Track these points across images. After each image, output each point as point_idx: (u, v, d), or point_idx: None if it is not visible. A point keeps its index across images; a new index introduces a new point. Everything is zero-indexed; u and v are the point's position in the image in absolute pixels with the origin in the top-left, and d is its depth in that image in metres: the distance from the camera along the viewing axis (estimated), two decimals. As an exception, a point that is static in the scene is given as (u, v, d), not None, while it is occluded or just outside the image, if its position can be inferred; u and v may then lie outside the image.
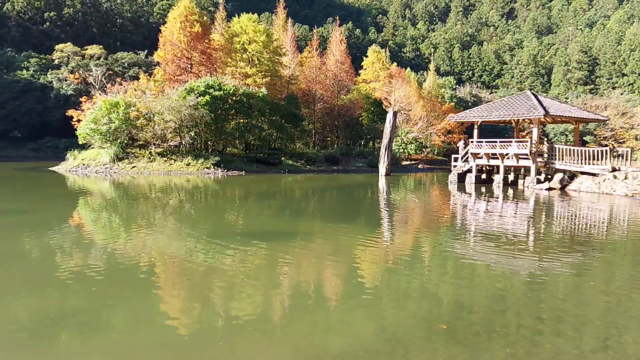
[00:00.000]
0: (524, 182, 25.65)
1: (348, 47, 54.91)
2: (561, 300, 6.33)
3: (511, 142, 26.19)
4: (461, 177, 27.90)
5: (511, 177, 27.03)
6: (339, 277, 7.38)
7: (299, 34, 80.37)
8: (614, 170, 22.79)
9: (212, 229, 11.67)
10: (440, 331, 5.15)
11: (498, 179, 26.30)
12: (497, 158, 26.43)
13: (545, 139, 48.42)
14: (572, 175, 24.82)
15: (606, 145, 38.22)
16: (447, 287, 6.83)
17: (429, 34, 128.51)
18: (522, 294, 6.59)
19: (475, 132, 28.52)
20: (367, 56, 62.43)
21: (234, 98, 34.72)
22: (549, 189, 23.31)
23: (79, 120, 34.61)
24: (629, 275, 7.79)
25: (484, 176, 27.78)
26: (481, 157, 27.39)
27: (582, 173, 23.99)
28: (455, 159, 29.70)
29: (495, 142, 26.79)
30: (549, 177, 24.82)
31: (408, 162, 50.75)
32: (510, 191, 23.14)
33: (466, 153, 28.78)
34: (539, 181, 24.52)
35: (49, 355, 4.55)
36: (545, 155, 25.81)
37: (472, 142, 28.01)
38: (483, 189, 23.75)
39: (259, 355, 4.60)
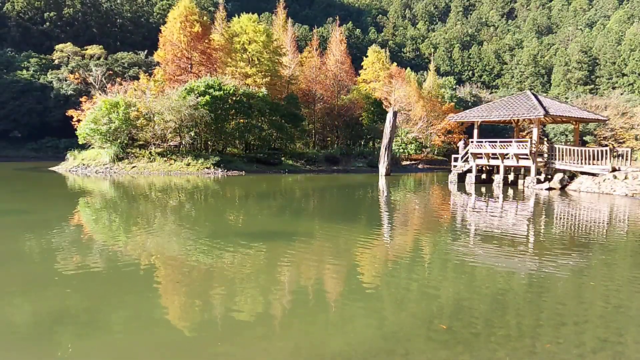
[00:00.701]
0: (524, 182, 25.65)
1: (348, 47, 54.88)
2: (561, 300, 6.33)
3: (511, 142, 26.19)
4: (461, 177, 27.90)
5: (511, 177, 27.03)
6: (339, 277, 7.37)
7: (299, 34, 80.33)
8: (614, 170, 22.79)
9: (212, 229, 11.67)
10: (440, 331, 5.15)
11: (498, 179, 26.30)
12: (497, 158, 26.43)
13: (545, 139, 48.38)
14: (572, 175, 24.81)
15: (606, 145, 38.22)
16: (447, 287, 6.83)
17: (429, 34, 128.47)
18: (522, 294, 6.60)
19: (475, 132, 28.51)
20: (367, 56, 62.42)
21: (234, 98, 34.73)
22: (549, 189, 23.32)
23: (79, 120, 34.62)
24: (629, 276, 7.79)
25: (484, 176, 27.78)
26: (481, 157, 27.39)
27: (582, 173, 23.99)
28: (455, 159, 29.69)
29: (495, 142, 26.79)
30: (549, 177, 24.82)
31: (408, 162, 50.75)
32: (510, 191, 23.15)
33: (466, 153, 28.77)
34: (539, 181, 24.52)
35: (49, 355, 4.55)
36: (545, 155, 25.80)
37: (472, 142, 28.01)
38: (483, 189, 23.75)
39: (259, 355, 4.60)
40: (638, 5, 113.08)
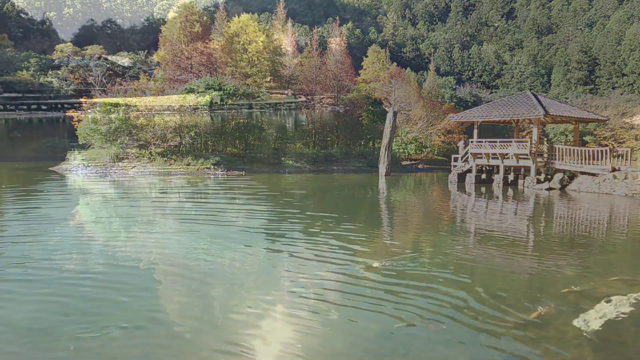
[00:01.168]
0: (524, 182, 25.64)
1: (348, 47, 54.87)
2: (561, 300, 6.34)
3: (511, 142, 26.19)
4: (461, 177, 27.89)
5: (511, 177, 27.01)
6: (339, 277, 7.38)
7: (299, 34, 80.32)
8: (614, 170, 22.80)
9: (211, 229, 11.67)
10: (440, 331, 5.15)
11: (498, 179, 26.29)
12: (497, 158, 26.43)
13: (545, 139, 48.35)
14: (572, 175, 24.82)
15: (606, 145, 38.22)
16: (447, 287, 6.84)
17: (429, 34, 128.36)
18: (522, 294, 6.60)
19: (475, 132, 28.51)
20: (367, 56, 62.41)
21: (234, 98, 34.75)
22: (549, 189, 23.32)
23: (79, 120, 34.62)
24: (629, 276, 7.79)
25: (484, 176, 27.76)
26: (481, 157, 27.39)
27: (582, 173, 23.99)
28: (455, 159, 29.67)
29: (495, 142, 26.79)
30: (549, 177, 24.82)
31: (408, 162, 50.72)
32: (510, 191, 23.15)
33: (466, 153, 28.77)
34: (539, 181, 24.52)
35: (49, 356, 4.55)
36: (545, 155, 25.80)
37: (472, 142, 28.00)
38: (483, 189, 23.76)
39: (259, 355, 4.60)
40: (638, 5, 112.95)
